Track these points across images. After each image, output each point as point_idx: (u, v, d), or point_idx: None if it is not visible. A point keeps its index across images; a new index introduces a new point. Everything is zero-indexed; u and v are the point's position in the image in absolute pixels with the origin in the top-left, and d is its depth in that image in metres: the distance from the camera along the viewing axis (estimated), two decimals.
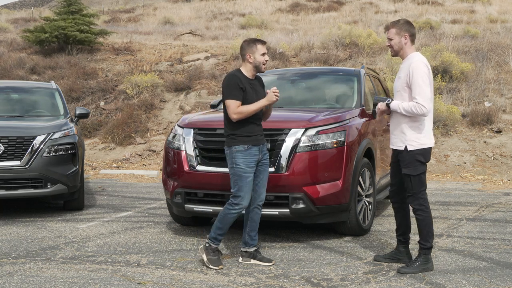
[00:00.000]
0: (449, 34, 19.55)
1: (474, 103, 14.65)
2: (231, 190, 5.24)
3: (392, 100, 5.11)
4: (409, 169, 5.01)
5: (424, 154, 5.03)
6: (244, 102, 5.18)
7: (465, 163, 12.50)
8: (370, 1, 31.60)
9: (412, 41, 5.09)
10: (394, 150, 5.19)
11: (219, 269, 5.12)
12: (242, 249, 5.45)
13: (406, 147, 5.01)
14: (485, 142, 13.18)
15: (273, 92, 5.18)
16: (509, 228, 6.96)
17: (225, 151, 5.32)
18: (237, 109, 5.14)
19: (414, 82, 4.88)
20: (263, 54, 5.26)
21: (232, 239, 6.26)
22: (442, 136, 13.38)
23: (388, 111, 5.16)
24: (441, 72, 15.40)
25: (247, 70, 5.31)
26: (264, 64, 5.29)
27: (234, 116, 5.15)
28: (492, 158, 12.59)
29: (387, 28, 5.16)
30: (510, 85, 15.52)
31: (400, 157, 5.08)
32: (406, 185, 5.09)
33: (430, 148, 5.09)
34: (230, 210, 5.19)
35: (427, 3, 30.32)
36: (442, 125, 13.49)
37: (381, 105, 5.19)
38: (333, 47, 18.74)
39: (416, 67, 4.90)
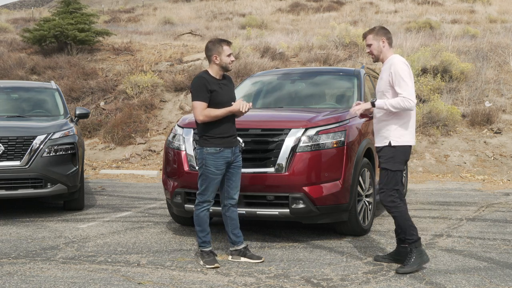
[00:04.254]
0: (449, 34, 19.55)
1: (474, 103, 14.64)
2: (199, 188, 5.30)
3: (376, 99, 5.20)
4: (389, 164, 5.10)
5: (405, 152, 5.14)
6: (214, 103, 5.20)
7: (465, 163, 12.49)
8: (370, 1, 31.63)
9: (390, 44, 5.25)
10: (377, 147, 5.25)
11: (215, 267, 5.15)
12: (230, 248, 5.53)
13: (390, 142, 5.11)
14: (485, 142, 13.17)
15: (243, 105, 5.17)
16: (509, 228, 6.96)
17: (195, 149, 5.33)
18: (203, 111, 5.17)
19: (398, 79, 5.03)
20: (229, 55, 5.27)
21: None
22: (442, 136, 13.37)
23: (370, 112, 5.31)
24: (441, 72, 15.38)
25: (214, 71, 5.31)
26: (230, 64, 5.29)
27: (200, 118, 5.18)
28: (492, 158, 12.58)
29: (364, 37, 5.32)
30: (510, 85, 15.51)
31: (382, 153, 5.16)
32: (381, 181, 5.17)
33: (411, 146, 5.20)
34: (200, 209, 5.30)
35: (427, 3, 30.34)
36: (442, 125, 13.48)
37: (363, 106, 5.24)
38: (332, 47, 18.74)
39: (397, 66, 5.06)
